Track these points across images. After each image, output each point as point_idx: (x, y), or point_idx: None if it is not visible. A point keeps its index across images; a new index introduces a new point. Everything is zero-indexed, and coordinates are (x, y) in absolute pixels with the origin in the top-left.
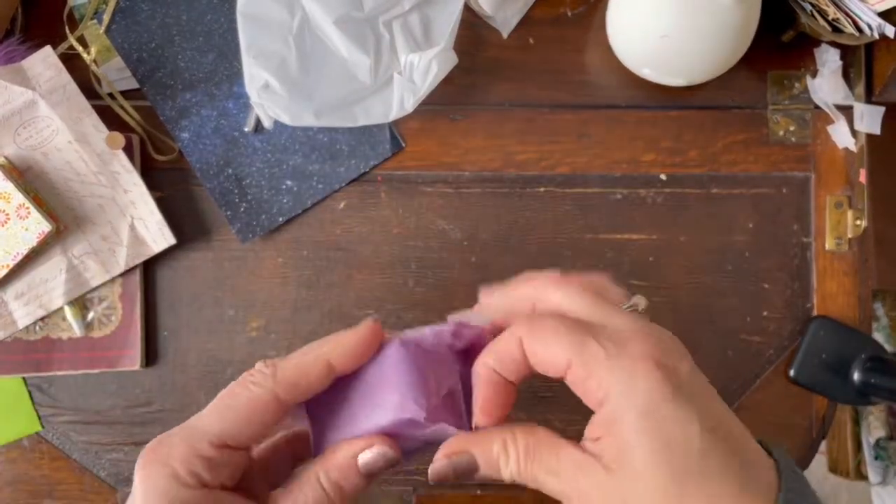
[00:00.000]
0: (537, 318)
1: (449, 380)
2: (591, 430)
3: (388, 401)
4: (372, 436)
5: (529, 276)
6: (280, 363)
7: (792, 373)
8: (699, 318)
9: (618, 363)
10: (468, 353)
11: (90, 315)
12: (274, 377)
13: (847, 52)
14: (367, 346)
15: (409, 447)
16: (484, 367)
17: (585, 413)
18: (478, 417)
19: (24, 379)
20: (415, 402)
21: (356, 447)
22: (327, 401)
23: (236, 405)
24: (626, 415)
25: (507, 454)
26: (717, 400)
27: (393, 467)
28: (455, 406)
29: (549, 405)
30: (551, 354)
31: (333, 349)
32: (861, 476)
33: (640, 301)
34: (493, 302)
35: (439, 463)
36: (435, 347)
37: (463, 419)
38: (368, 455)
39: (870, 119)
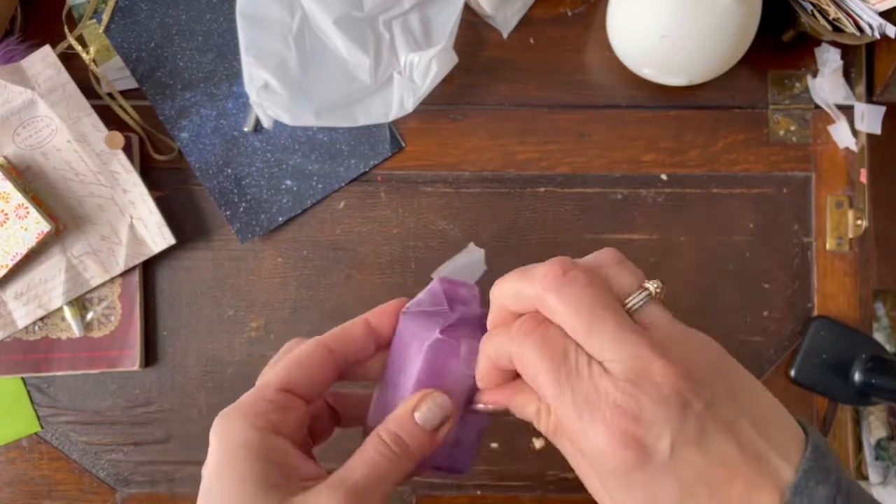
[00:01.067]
0: (524, 337)
1: (455, 313)
2: None
3: (412, 352)
4: (423, 390)
5: (539, 273)
6: None
7: (792, 373)
8: (699, 318)
9: (588, 431)
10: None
11: (89, 315)
12: (321, 335)
13: (848, 52)
14: (397, 309)
15: (461, 394)
16: (483, 359)
17: None
18: (481, 385)
19: (23, 379)
20: (427, 331)
21: (410, 403)
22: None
23: (291, 356)
24: (594, 475)
25: (540, 420)
26: (712, 458)
27: (458, 422)
28: (477, 335)
29: None
30: (533, 385)
31: (370, 311)
32: (862, 476)
33: (651, 287)
34: (501, 294)
35: (477, 407)
36: (436, 305)
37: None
38: (423, 407)
39: (870, 119)
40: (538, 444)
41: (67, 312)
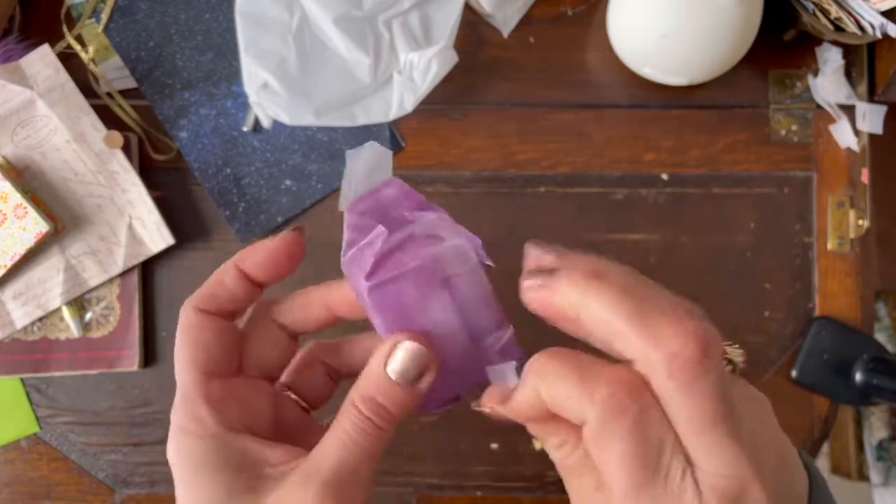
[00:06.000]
0: (616, 414)
1: (385, 237)
2: None
3: (366, 308)
4: (392, 336)
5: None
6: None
7: (794, 373)
8: None
9: None
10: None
11: (88, 315)
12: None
13: (849, 52)
14: (282, 257)
15: (443, 323)
16: (528, 393)
17: None
18: None
19: (21, 380)
20: (359, 277)
21: (380, 356)
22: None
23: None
24: None
25: (568, 457)
26: None
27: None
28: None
29: None
30: (598, 461)
31: (245, 257)
32: (863, 477)
33: (736, 358)
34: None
35: (481, 408)
36: (366, 233)
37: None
38: (395, 361)
39: (872, 118)
40: (538, 445)
41: (66, 313)
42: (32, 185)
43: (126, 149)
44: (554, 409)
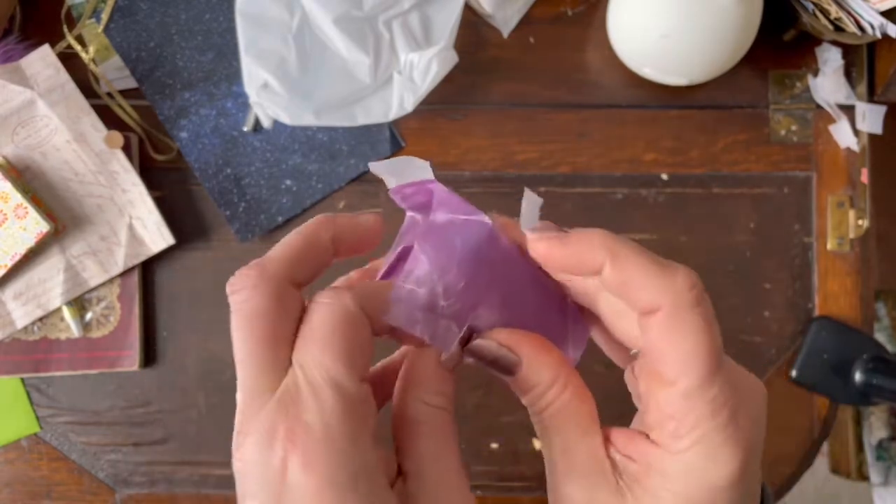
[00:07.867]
0: (698, 296)
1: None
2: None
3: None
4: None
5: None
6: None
7: (794, 373)
8: None
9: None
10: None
11: (88, 315)
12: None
13: (849, 52)
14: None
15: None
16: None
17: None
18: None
19: (22, 380)
20: None
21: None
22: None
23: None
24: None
25: (549, 394)
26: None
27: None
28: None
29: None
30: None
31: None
32: (863, 477)
33: None
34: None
35: (486, 343)
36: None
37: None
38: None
39: (872, 118)
40: (538, 444)
41: (66, 313)
42: (33, 185)
43: (126, 149)
44: (616, 288)
